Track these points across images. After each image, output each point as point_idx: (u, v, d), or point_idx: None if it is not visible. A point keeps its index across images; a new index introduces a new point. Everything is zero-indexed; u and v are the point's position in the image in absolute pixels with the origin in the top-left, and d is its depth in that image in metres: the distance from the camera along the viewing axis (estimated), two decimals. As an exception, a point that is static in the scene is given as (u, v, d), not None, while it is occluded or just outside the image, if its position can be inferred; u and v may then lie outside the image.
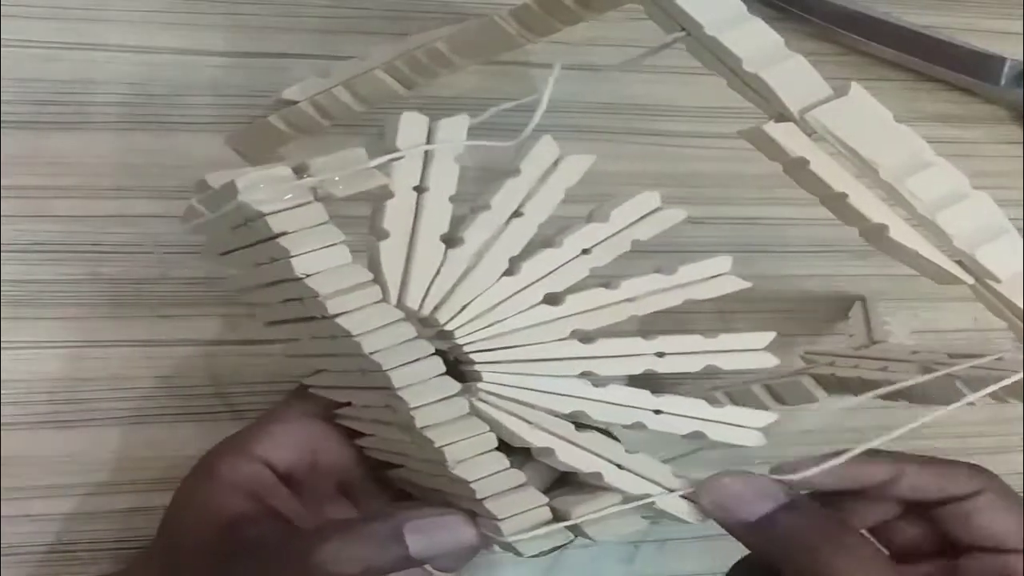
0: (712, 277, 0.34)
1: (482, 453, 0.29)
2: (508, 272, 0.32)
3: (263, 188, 0.28)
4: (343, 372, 0.31)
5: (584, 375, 0.32)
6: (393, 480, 0.34)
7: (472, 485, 0.29)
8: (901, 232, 0.29)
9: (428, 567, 0.32)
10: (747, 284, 0.34)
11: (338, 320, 0.28)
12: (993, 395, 0.30)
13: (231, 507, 0.31)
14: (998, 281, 0.28)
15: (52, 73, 0.41)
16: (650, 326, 0.33)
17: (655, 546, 0.44)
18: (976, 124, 0.50)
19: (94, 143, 0.41)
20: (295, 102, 0.37)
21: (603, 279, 0.33)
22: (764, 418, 0.33)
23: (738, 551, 0.32)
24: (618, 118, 0.35)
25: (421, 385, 0.29)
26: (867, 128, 0.29)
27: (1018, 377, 0.29)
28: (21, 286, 0.40)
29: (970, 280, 0.29)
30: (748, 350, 0.34)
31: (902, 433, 0.29)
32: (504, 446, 0.30)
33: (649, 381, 0.33)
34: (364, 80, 0.36)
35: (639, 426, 0.32)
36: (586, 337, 0.32)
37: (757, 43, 0.30)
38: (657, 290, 0.33)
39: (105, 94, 0.42)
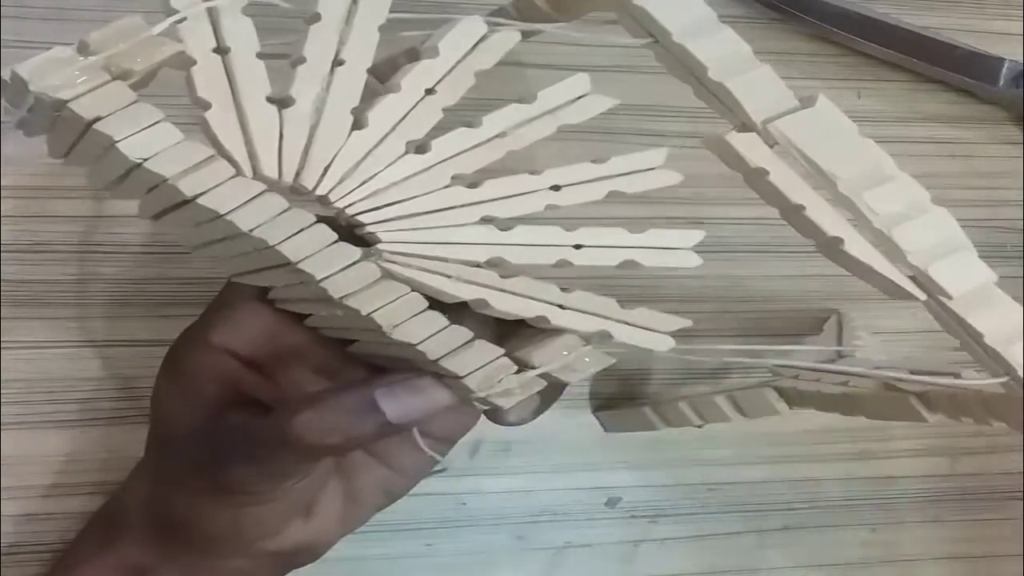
0: (576, 99, 0.32)
1: (416, 314, 0.29)
2: (357, 125, 0.30)
3: (52, 74, 0.26)
4: (241, 256, 0.29)
5: (485, 220, 0.30)
6: (357, 356, 0.33)
7: (419, 347, 0.28)
8: (856, 246, 0.28)
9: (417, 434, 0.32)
10: None
11: (200, 202, 0.26)
12: (948, 414, 0.30)
13: (205, 400, 0.32)
14: (950, 298, 0.28)
15: (52, 73, 0.41)
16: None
17: (655, 546, 0.44)
18: (975, 125, 0.50)
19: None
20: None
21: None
22: (693, 236, 0.32)
23: (738, 551, 0.32)
24: (617, 118, 0.34)
25: (319, 255, 0.27)
26: (829, 140, 0.29)
27: (967, 393, 0.29)
28: (21, 286, 0.40)
29: (923, 296, 0.28)
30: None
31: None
32: (443, 308, 0.29)
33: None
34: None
35: (564, 264, 0.31)
36: (473, 183, 0.31)
37: (724, 52, 0.29)
38: (523, 121, 0.32)
39: (105, 94, 0.42)
